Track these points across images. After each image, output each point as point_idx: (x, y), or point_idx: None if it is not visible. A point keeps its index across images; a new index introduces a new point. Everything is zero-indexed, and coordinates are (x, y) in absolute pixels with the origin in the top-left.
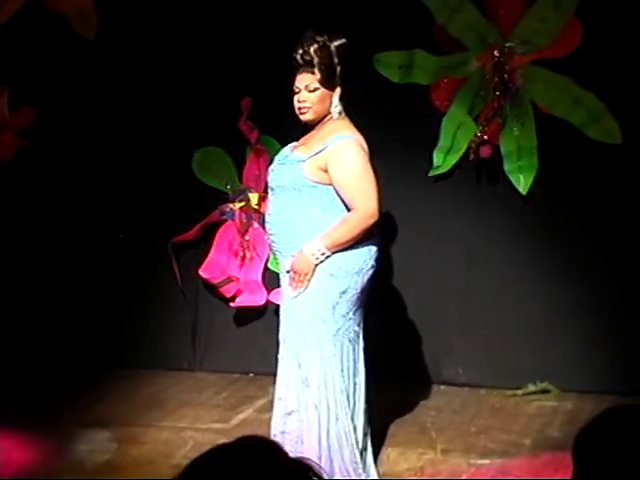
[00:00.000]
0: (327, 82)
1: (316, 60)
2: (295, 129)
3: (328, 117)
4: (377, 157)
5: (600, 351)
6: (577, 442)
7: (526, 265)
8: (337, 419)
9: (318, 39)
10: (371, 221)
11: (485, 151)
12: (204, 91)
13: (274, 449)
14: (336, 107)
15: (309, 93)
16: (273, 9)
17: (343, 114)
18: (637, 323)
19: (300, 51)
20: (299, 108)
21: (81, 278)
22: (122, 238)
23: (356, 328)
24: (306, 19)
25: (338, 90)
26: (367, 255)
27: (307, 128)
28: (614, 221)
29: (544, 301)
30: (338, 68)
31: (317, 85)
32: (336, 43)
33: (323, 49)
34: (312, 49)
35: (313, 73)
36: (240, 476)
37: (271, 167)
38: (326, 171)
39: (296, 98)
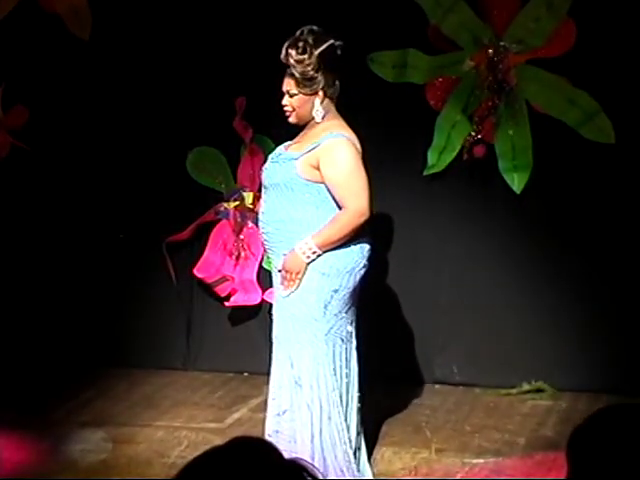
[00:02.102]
0: (305, 88)
1: (294, 67)
2: (289, 128)
3: (313, 120)
4: (371, 156)
5: (595, 351)
6: (571, 441)
7: (520, 264)
8: (330, 418)
9: (299, 44)
10: (362, 219)
11: (479, 151)
12: (198, 90)
13: (268, 450)
14: (317, 111)
15: (290, 97)
16: (267, 8)
17: (335, 113)
18: (632, 322)
19: (282, 54)
20: (284, 111)
21: (75, 277)
22: (120, 238)
23: (348, 327)
24: (300, 18)
25: (320, 94)
26: (359, 254)
27: (301, 127)
28: (609, 220)
29: (538, 300)
30: (319, 74)
31: (295, 91)
32: (321, 48)
33: (303, 55)
34: (292, 54)
35: (292, 78)
36: (234, 478)
37: (265, 165)
38: (318, 169)
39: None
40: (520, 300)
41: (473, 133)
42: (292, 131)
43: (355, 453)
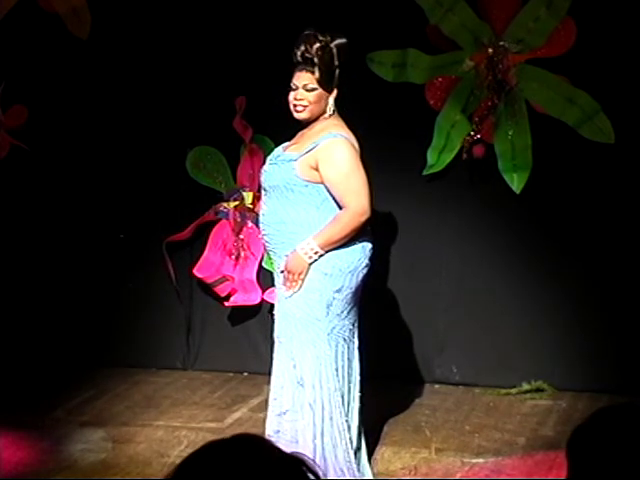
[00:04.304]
0: (325, 83)
1: (317, 60)
2: (289, 128)
3: (321, 117)
4: (371, 156)
5: (595, 350)
6: (571, 441)
7: (520, 264)
8: (331, 418)
9: (321, 38)
10: (362, 219)
11: (478, 150)
12: (198, 90)
13: (267, 445)
14: (330, 108)
15: (307, 92)
16: (267, 8)
17: (336, 113)
18: (632, 322)
19: (302, 48)
20: (295, 105)
21: (75, 277)
22: (120, 238)
23: (351, 327)
24: (300, 18)
25: (335, 92)
26: (361, 254)
27: (301, 127)
28: (608, 220)
29: (538, 300)
30: (337, 70)
31: (315, 85)
32: (337, 43)
33: (325, 49)
34: (314, 48)
35: (313, 73)
36: (233, 471)
37: (264, 167)
38: (317, 169)
39: (292, 95)
40: (520, 300)
41: (472, 133)
42: (292, 131)
43: (356, 453)
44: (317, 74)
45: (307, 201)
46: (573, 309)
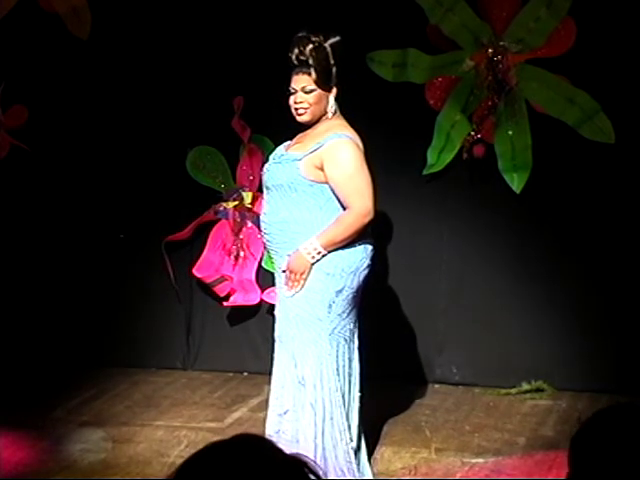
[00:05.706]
0: (323, 83)
1: (312, 61)
2: (288, 128)
3: (324, 117)
4: (371, 156)
5: (594, 350)
6: (574, 441)
7: (520, 264)
8: (332, 418)
9: (313, 39)
10: (366, 220)
11: (478, 150)
12: (197, 90)
13: (269, 446)
14: (332, 107)
15: (306, 94)
16: (266, 8)
17: (338, 113)
18: (632, 322)
19: (295, 51)
20: (296, 109)
21: (74, 277)
22: (120, 238)
23: (351, 327)
24: (299, 18)
25: (334, 90)
26: (363, 254)
27: (301, 127)
28: (609, 220)
29: (538, 300)
30: (334, 69)
31: (313, 87)
32: (331, 42)
33: (319, 50)
34: (308, 49)
35: (309, 74)
36: (235, 472)
37: (266, 166)
38: (322, 169)
39: (292, 99)
40: (520, 300)
41: (473, 133)
42: (291, 130)
43: (355, 453)
44: (314, 75)
45: (311, 201)
46: (573, 309)
